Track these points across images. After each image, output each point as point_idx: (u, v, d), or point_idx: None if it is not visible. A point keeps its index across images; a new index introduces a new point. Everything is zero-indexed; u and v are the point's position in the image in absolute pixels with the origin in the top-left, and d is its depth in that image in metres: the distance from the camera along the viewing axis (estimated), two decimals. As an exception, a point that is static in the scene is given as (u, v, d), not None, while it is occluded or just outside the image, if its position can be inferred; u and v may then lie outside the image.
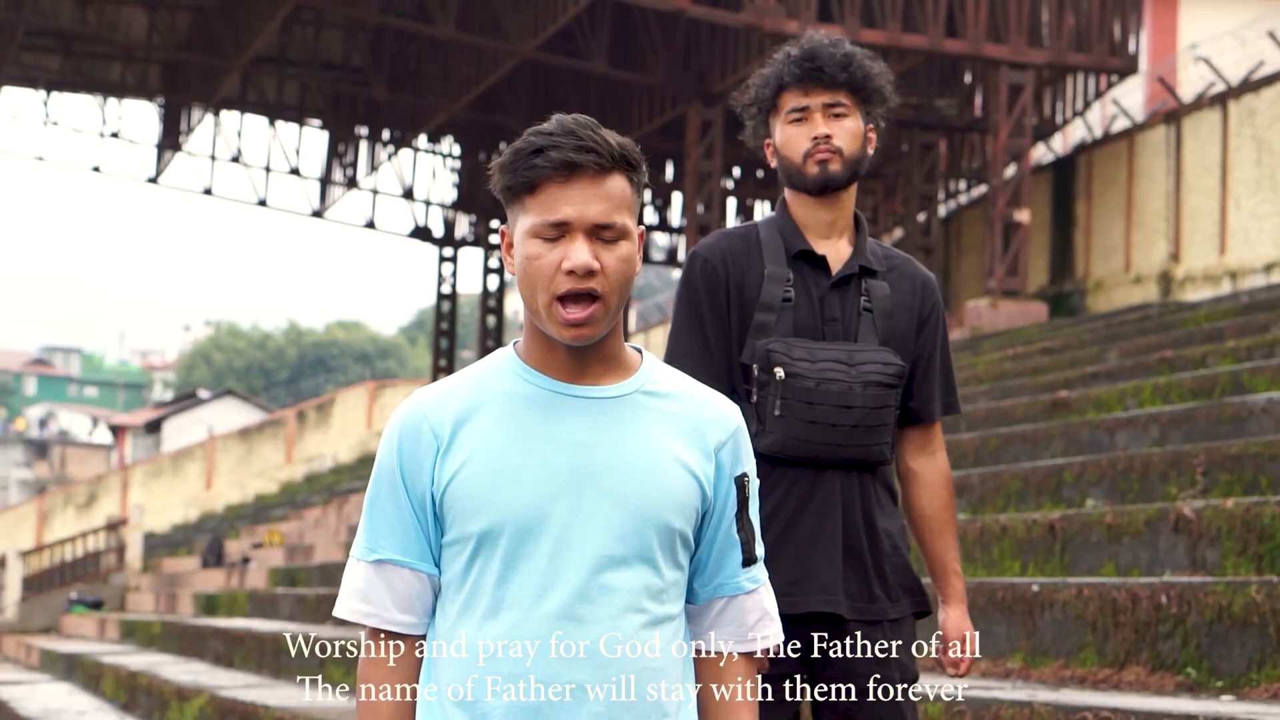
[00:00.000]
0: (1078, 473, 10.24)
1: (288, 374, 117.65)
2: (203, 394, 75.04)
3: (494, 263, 43.96)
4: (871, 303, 4.34)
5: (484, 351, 44.18)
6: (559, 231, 2.87)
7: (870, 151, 4.45)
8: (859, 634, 4.28)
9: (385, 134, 43.55)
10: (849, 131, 4.37)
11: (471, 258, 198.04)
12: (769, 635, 3.13)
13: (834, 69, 4.36)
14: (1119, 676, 6.83)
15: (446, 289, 44.76)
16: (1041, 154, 34.86)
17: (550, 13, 31.69)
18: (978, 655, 4.47)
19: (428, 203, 44.52)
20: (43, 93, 41.91)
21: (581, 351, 2.95)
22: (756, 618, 3.12)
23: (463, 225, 45.08)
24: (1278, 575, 7.21)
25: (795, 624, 4.23)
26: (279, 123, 42.84)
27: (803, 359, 4.23)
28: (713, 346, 4.36)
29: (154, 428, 68.19)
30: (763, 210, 41.27)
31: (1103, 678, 6.91)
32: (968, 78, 34.58)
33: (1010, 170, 28.97)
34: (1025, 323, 27.09)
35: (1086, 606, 7.20)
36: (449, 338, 44.44)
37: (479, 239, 44.42)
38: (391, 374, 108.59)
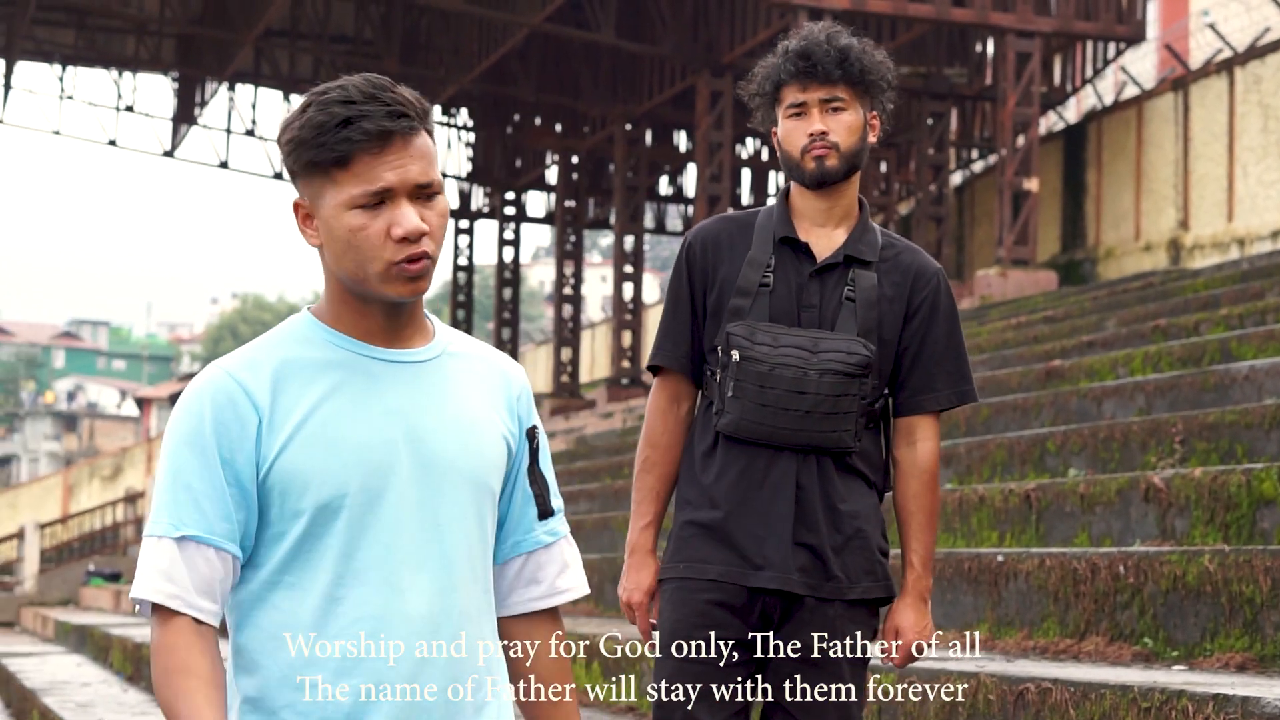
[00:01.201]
0: (1060, 442, 10.27)
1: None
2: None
3: (509, 234, 43.95)
4: (855, 292, 4.39)
5: (502, 323, 44.26)
6: (380, 199, 2.80)
7: (873, 139, 4.53)
8: (810, 605, 4.35)
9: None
10: (846, 126, 4.44)
11: (487, 229, 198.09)
12: (572, 588, 3.11)
13: (829, 65, 4.42)
14: (1079, 647, 6.86)
15: (463, 261, 44.77)
16: (1053, 122, 34.81)
17: (559, -17, 31.70)
18: (921, 652, 4.50)
19: (443, 175, 44.42)
20: (58, 67, 41.99)
21: (396, 313, 2.89)
22: (557, 570, 3.10)
23: (478, 197, 45.10)
24: (1244, 544, 7.25)
25: (747, 595, 4.35)
26: (293, 95, 42.85)
27: (764, 343, 4.31)
28: (690, 328, 4.49)
29: (178, 400, 68.32)
30: (778, 181, 41.24)
31: (1063, 648, 6.94)
32: (979, 47, 34.53)
33: (1020, 139, 28.91)
34: (1034, 291, 27.04)
35: (1049, 577, 7.24)
36: (466, 309, 44.45)
37: (494, 211, 44.41)
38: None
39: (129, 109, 42.47)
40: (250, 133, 43.12)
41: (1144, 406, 11.08)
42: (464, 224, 44.79)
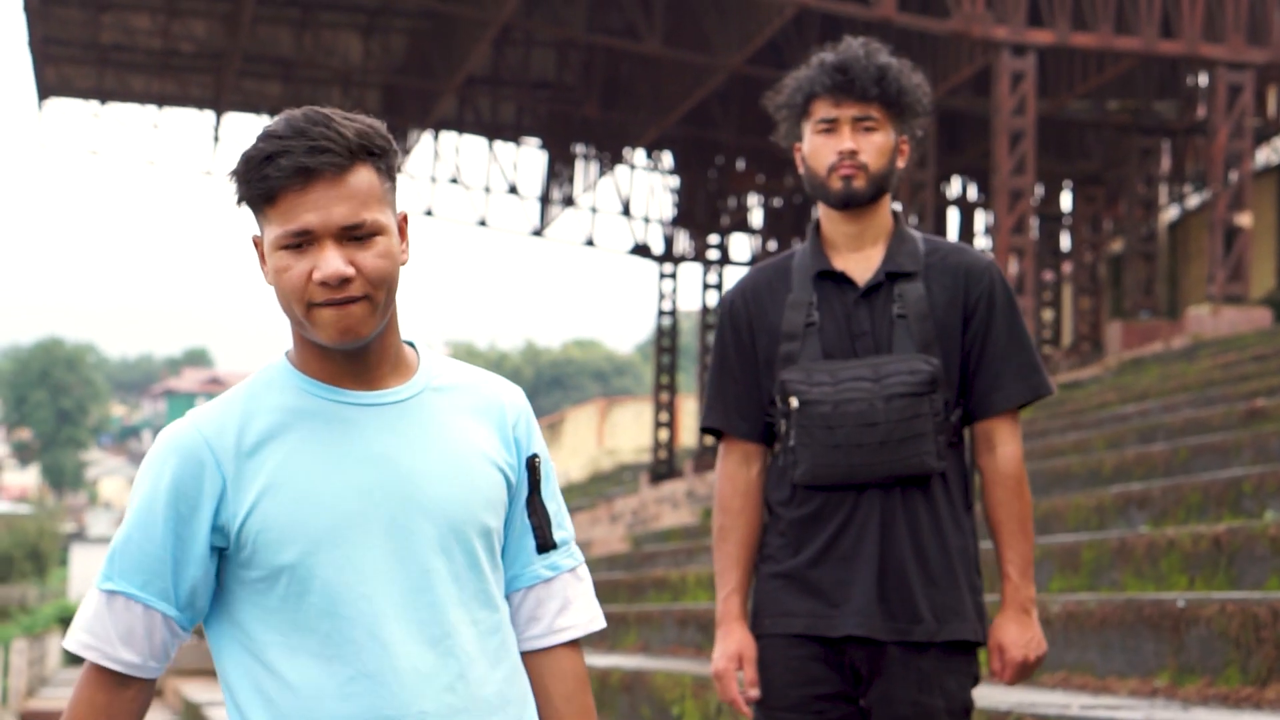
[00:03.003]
0: (1257, 483, 9.83)
1: (526, 393, 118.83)
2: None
3: (712, 279, 43.81)
4: (905, 308, 4.18)
5: (704, 369, 44.06)
6: (304, 240, 2.66)
7: (901, 164, 4.32)
8: (897, 656, 4.11)
9: (601, 151, 43.63)
10: (877, 147, 4.24)
11: (692, 274, 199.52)
12: (571, 626, 2.91)
13: (866, 82, 4.23)
14: (1260, 694, 6.50)
15: (667, 305, 44.69)
16: (1269, 157, 33.99)
17: (757, 25, 31.53)
18: (1032, 667, 4.31)
19: (646, 219, 44.52)
20: (265, 118, 42.63)
21: (359, 355, 2.74)
22: (557, 607, 2.90)
23: (682, 241, 45.00)
24: None
25: (834, 646, 4.11)
26: (496, 142, 43.12)
27: (823, 383, 4.11)
28: (742, 389, 4.27)
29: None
30: (986, 219, 40.74)
31: (1244, 696, 6.58)
32: (1190, 80, 33.81)
33: (1233, 174, 28.19)
34: (1248, 329, 26.32)
35: (1230, 622, 6.87)
36: (670, 354, 44.40)
37: (698, 254, 44.30)
38: (627, 391, 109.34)
39: (335, 159, 42.97)
40: (455, 180, 43.41)
41: (1349, 446, 10.59)
42: (668, 269, 44.71)
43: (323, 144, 2.64)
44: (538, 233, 44.50)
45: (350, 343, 2.69)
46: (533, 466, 2.88)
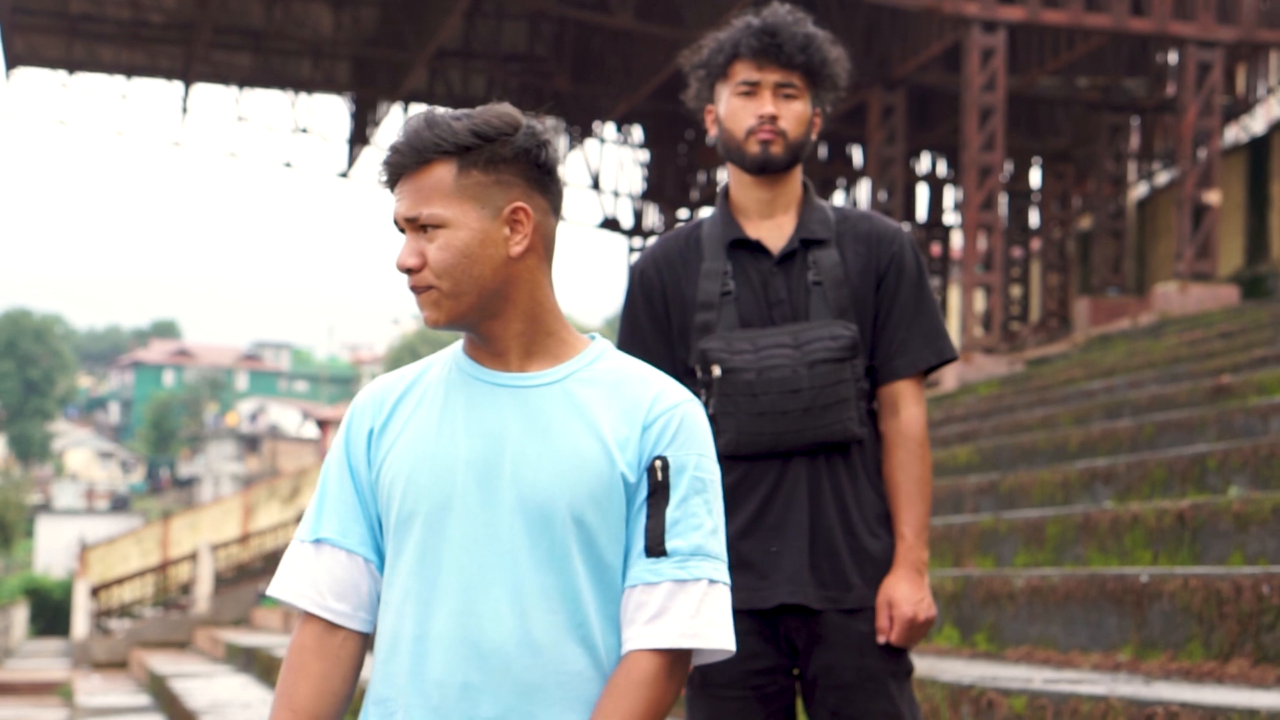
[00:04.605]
0: (1221, 460, 9.86)
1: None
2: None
3: (682, 253, 43.74)
4: (820, 274, 4.15)
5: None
6: (400, 229, 2.92)
7: (814, 136, 4.28)
8: (834, 623, 4.09)
9: (571, 125, 43.58)
10: (796, 115, 4.22)
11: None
12: (659, 636, 2.83)
13: (793, 49, 4.21)
14: (1222, 670, 6.52)
15: (636, 279, 44.65)
16: (1238, 134, 34.06)
17: (728, 0, 31.49)
18: (921, 628, 4.15)
19: (615, 193, 44.51)
20: (234, 90, 42.49)
21: (488, 340, 2.91)
22: (651, 614, 2.84)
23: (651, 215, 45.01)
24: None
25: (767, 619, 4.08)
26: (467, 116, 42.98)
27: (744, 351, 4.08)
28: (654, 358, 4.16)
29: None
30: (956, 195, 40.79)
31: (1207, 670, 6.60)
32: (1159, 58, 33.85)
33: (1201, 152, 28.25)
34: (1215, 307, 26.40)
35: (1193, 597, 6.89)
36: (639, 328, 44.32)
37: (667, 228, 44.25)
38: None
39: (304, 131, 42.89)
40: (424, 153, 43.27)
41: (1313, 423, 10.62)
42: (637, 243, 44.70)
43: (401, 145, 2.88)
44: (505, 206, 44.35)
45: (431, 326, 2.91)
46: (653, 469, 2.88)
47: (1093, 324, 29.42)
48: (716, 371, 4.07)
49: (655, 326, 4.24)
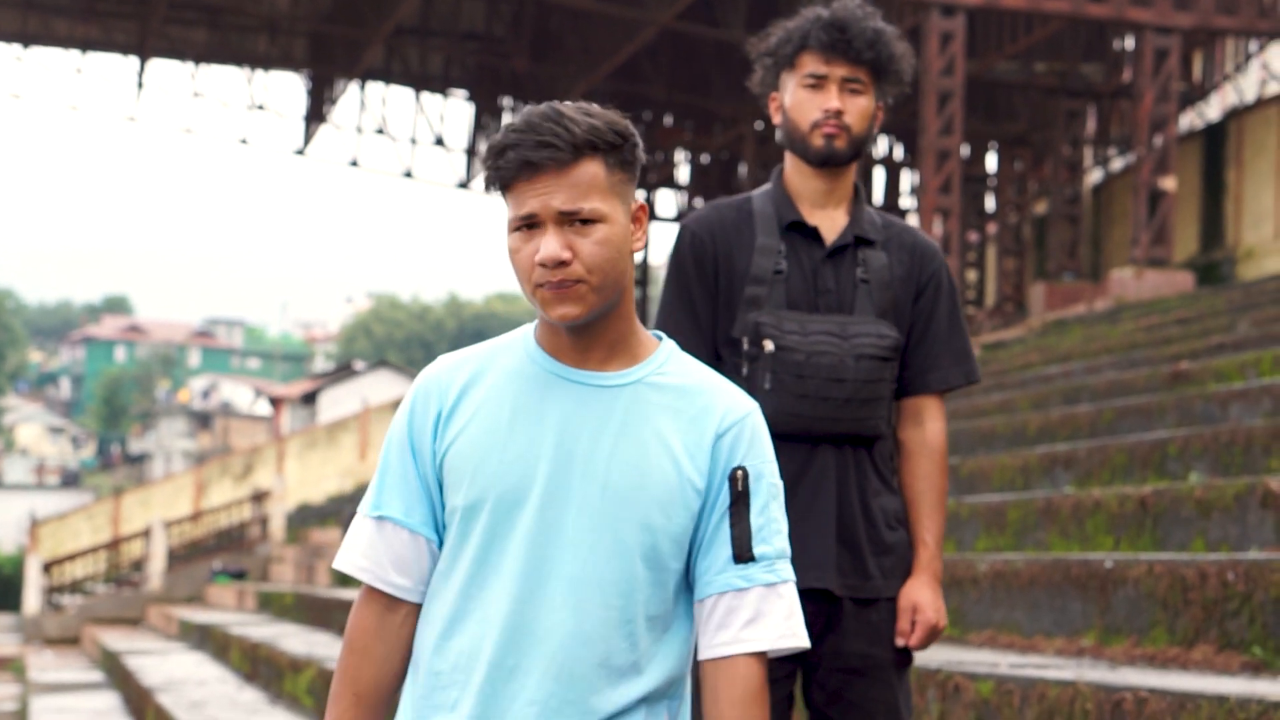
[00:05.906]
0: (1182, 446, 9.91)
1: (447, 346, 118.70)
2: (358, 366, 75.62)
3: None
4: (869, 274, 4.22)
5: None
6: (530, 224, 2.88)
7: (876, 130, 4.33)
8: (851, 610, 4.17)
9: (528, 104, 43.51)
10: (861, 110, 4.25)
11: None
12: (761, 638, 2.93)
13: (861, 44, 4.22)
14: (1187, 655, 6.56)
15: (592, 260, 44.65)
16: (1194, 120, 34.19)
17: (686, -19, 31.50)
18: (937, 634, 4.29)
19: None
20: (190, 65, 42.30)
21: (580, 333, 2.94)
22: (747, 617, 2.93)
23: (608, 196, 44.94)
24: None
25: None
26: (423, 94, 42.91)
27: (793, 331, 4.12)
28: (701, 322, 4.25)
29: (309, 399, 68.93)
30: (912, 179, 40.86)
31: (1171, 656, 6.64)
32: (1117, 43, 33.94)
33: (1158, 138, 28.34)
34: (1171, 293, 26.51)
35: (1157, 584, 6.92)
36: (595, 309, 44.33)
37: (624, 210, 44.29)
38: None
39: (260, 107, 42.72)
40: (381, 131, 43.21)
41: (1271, 410, 10.67)
42: (594, 223, 44.65)
43: (549, 139, 2.85)
44: (463, 185, 44.37)
45: (567, 322, 2.89)
46: (734, 479, 2.94)
47: (1048, 309, 29.52)
48: (769, 346, 4.11)
49: (705, 291, 4.26)
